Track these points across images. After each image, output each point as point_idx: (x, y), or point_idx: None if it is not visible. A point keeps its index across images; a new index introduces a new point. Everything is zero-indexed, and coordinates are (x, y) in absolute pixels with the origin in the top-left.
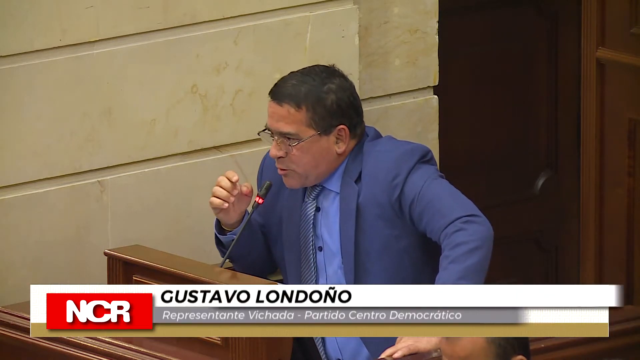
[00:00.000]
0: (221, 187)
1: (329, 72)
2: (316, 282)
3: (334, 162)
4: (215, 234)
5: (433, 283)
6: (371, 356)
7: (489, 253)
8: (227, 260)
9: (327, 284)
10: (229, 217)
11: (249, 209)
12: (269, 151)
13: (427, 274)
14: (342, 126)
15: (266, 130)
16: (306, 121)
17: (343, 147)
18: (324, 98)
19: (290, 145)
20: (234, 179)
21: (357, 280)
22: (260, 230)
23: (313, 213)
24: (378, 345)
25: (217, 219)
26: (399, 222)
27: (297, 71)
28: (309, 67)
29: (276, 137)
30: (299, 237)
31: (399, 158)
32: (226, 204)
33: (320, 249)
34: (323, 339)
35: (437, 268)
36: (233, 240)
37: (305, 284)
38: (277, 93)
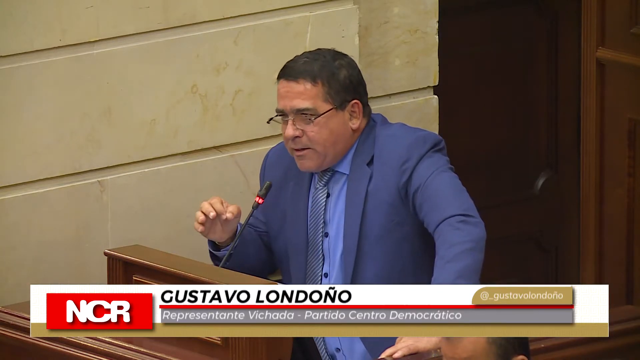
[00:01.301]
0: (202, 212)
1: (335, 52)
2: (322, 269)
3: (350, 139)
4: (210, 250)
5: (432, 272)
6: (368, 353)
7: (483, 255)
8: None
9: (332, 270)
10: (217, 238)
11: (241, 222)
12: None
13: (426, 262)
14: (355, 101)
15: (277, 115)
16: (323, 96)
17: (357, 123)
18: (337, 73)
19: (309, 120)
20: (211, 213)
21: (355, 263)
22: (257, 238)
23: (325, 200)
24: (376, 341)
25: None
26: (402, 209)
27: (303, 53)
28: (314, 50)
29: (292, 117)
30: (308, 225)
31: (411, 144)
32: (201, 227)
33: (327, 235)
34: None
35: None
36: (227, 254)
37: (311, 271)
38: (291, 72)
